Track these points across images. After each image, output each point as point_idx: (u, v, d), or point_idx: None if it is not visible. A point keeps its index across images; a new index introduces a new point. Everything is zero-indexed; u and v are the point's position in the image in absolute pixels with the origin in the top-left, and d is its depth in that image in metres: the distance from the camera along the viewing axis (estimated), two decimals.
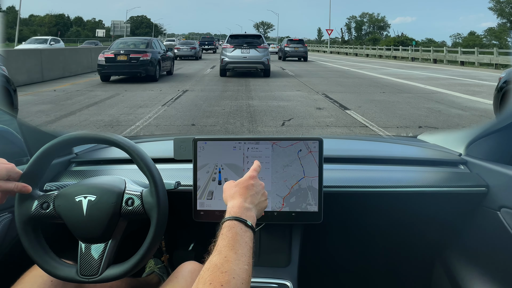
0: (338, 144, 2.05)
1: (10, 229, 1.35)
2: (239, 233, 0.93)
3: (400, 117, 7.80)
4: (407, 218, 1.78)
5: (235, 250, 0.88)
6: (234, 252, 0.87)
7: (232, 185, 1.10)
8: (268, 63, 14.91)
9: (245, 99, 9.97)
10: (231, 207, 1.01)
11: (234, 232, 0.93)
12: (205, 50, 37.37)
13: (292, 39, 29.18)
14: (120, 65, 12.60)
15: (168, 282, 1.28)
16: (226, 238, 0.91)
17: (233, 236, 0.91)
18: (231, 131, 6.72)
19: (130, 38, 15.90)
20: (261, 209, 1.09)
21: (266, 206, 1.13)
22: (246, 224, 0.96)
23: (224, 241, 0.90)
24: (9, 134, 1.64)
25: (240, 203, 1.02)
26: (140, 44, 13.68)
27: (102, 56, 12.64)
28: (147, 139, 2.13)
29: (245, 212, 1.00)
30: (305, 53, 27.32)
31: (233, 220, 0.96)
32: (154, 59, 13.10)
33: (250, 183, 1.08)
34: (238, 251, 0.88)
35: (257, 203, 1.07)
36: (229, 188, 1.09)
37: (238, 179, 1.11)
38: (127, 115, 7.80)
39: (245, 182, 1.09)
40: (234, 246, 0.89)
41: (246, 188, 1.07)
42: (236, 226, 0.95)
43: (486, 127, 1.60)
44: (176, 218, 1.44)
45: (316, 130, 6.73)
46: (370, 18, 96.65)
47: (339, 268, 2.01)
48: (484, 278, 1.49)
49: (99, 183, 1.18)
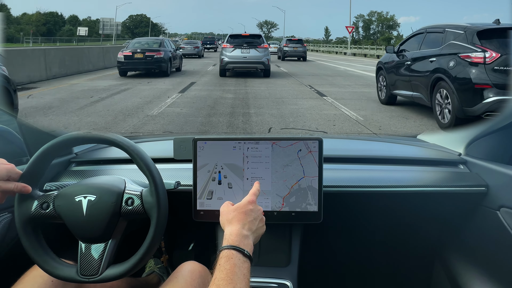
0: (338, 144, 2.05)
1: (10, 229, 1.35)
2: (237, 264, 0.91)
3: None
4: (407, 218, 1.78)
5: (233, 284, 0.86)
6: (232, 287, 0.85)
7: (230, 209, 1.08)
8: (268, 63, 14.82)
9: (242, 87, 12.29)
10: (229, 234, 0.99)
11: (232, 264, 0.90)
12: (207, 49, 39.70)
13: (291, 39, 29.32)
14: (137, 62, 14.36)
15: (168, 282, 1.28)
16: (224, 270, 0.89)
17: (231, 268, 0.89)
18: (230, 104, 9.06)
19: (144, 38, 17.54)
20: (259, 236, 1.08)
21: (264, 232, 1.11)
22: (244, 254, 0.94)
23: (221, 274, 0.88)
24: (9, 134, 1.64)
25: (238, 231, 1.00)
26: (153, 44, 15.35)
27: (121, 54, 14.41)
28: (147, 139, 2.13)
29: (243, 241, 0.98)
30: (304, 52, 27.60)
31: (231, 250, 0.94)
32: (166, 57, 14.81)
33: (249, 209, 1.06)
34: (236, 285, 0.86)
35: (255, 230, 1.05)
36: (227, 213, 1.07)
37: (237, 203, 1.09)
38: (156, 98, 9.85)
39: (244, 207, 1.07)
40: (232, 280, 0.87)
41: (245, 213, 1.05)
42: (234, 256, 0.93)
43: (485, 127, 1.60)
44: (176, 218, 1.44)
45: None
46: (379, 17, 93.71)
47: (339, 267, 2.01)
48: (484, 277, 1.49)
49: (99, 183, 1.18)
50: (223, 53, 14.77)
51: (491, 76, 5.66)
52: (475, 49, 5.90)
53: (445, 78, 6.24)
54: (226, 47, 14.62)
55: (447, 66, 6.26)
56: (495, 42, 5.87)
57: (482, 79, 5.71)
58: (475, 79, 5.77)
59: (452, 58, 6.21)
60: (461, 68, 5.99)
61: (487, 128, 1.59)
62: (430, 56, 6.82)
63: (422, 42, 7.39)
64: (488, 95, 5.61)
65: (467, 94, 5.84)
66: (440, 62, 6.46)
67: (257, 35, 15.46)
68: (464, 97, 5.87)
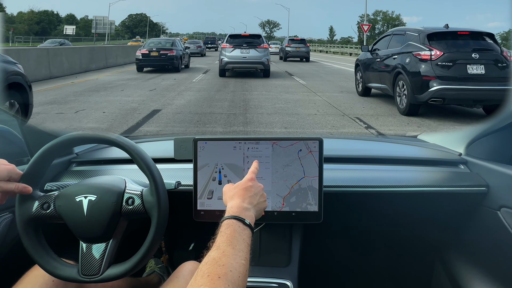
0: (338, 144, 2.05)
1: (11, 229, 1.35)
2: (237, 230, 0.96)
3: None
4: (407, 218, 1.78)
5: (232, 246, 0.90)
6: (232, 248, 0.90)
7: (231, 187, 1.12)
8: (268, 63, 14.78)
9: (242, 77, 14.90)
10: (230, 207, 1.04)
11: (233, 230, 0.95)
12: (208, 48, 42.92)
13: (293, 39, 28.58)
14: (152, 59, 16.60)
15: (169, 282, 1.28)
16: (225, 235, 0.94)
17: (231, 233, 0.94)
18: (233, 85, 12.50)
19: (158, 39, 20.35)
20: (260, 210, 1.11)
21: (266, 206, 1.14)
22: (244, 222, 0.99)
23: (222, 238, 0.93)
24: (10, 134, 1.64)
25: (238, 204, 1.05)
26: (166, 44, 17.81)
27: (139, 53, 16.82)
28: (147, 139, 2.13)
29: (244, 212, 1.02)
30: (307, 53, 26.99)
31: (231, 219, 0.99)
32: (178, 55, 17.11)
33: (249, 185, 1.11)
34: (236, 247, 0.90)
35: (256, 204, 1.09)
36: (228, 190, 1.12)
37: (238, 181, 1.13)
38: (176, 85, 12.64)
39: (244, 184, 1.11)
40: (232, 242, 0.91)
41: (245, 189, 1.09)
42: (234, 224, 0.97)
43: (486, 127, 1.60)
44: (176, 218, 1.44)
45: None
46: (384, 17, 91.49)
47: (339, 267, 2.01)
48: (484, 277, 1.49)
49: (99, 183, 1.18)
50: (222, 53, 14.70)
51: (435, 70, 7.18)
52: (425, 48, 7.40)
53: (403, 72, 7.71)
54: (225, 47, 14.56)
55: (404, 62, 7.73)
56: (440, 43, 7.41)
57: (429, 72, 7.21)
58: (423, 72, 7.26)
59: (408, 55, 7.71)
60: (414, 63, 7.49)
61: (488, 128, 1.59)
62: (393, 54, 8.31)
63: (389, 43, 8.85)
64: (432, 84, 7.11)
65: (417, 84, 7.32)
66: (400, 59, 7.95)
67: (257, 35, 15.41)
68: (415, 87, 7.37)
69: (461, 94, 7.05)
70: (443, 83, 7.02)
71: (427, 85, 7.13)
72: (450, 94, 7.04)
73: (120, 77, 14.77)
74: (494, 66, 7.10)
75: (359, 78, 10.34)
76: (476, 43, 7.37)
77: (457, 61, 7.13)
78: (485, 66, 7.04)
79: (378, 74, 8.99)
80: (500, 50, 7.30)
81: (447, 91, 7.02)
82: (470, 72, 7.05)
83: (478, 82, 7.00)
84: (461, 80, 7.03)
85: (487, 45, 7.36)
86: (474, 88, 7.00)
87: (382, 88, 8.82)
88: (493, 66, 7.09)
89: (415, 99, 7.35)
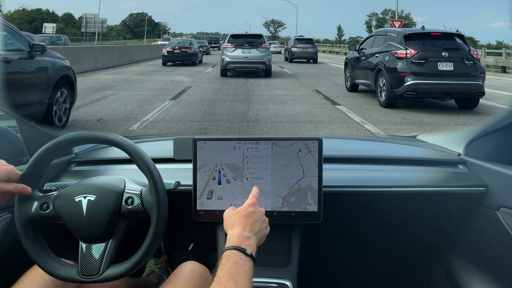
0: (338, 144, 2.05)
1: (10, 229, 1.35)
2: (238, 262, 0.93)
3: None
4: (406, 218, 1.78)
5: (234, 280, 0.87)
6: (233, 283, 0.87)
7: (232, 213, 1.11)
8: (270, 63, 14.74)
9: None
10: (231, 236, 1.02)
11: (234, 262, 0.93)
12: (212, 47, 48.00)
13: (300, 38, 26.58)
14: (175, 55, 20.89)
15: (168, 282, 1.28)
16: (226, 268, 0.91)
17: (233, 266, 0.91)
18: (237, 73, 15.52)
19: (178, 39, 24.66)
20: (262, 236, 1.10)
21: (268, 232, 1.13)
22: (246, 253, 0.96)
23: (223, 271, 0.90)
24: (9, 134, 1.64)
25: (239, 232, 1.02)
26: (185, 43, 22.03)
27: (165, 50, 21.03)
28: (147, 139, 2.13)
29: (245, 241, 1.00)
30: (315, 54, 24.94)
31: (232, 250, 0.96)
32: (195, 52, 21.60)
33: (250, 211, 1.09)
34: (237, 281, 0.88)
35: (258, 231, 1.07)
36: (229, 217, 1.10)
37: (238, 208, 1.12)
38: (195, 73, 16.41)
39: (245, 210, 1.09)
40: (233, 276, 0.88)
41: (246, 216, 1.07)
42: (235, 255, 0.95)
43: (485, 127, 1.60)
44: (176, 218, 1.44)
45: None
46: (393, 16, 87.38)
47: (339, 267, 2.01)
48: (483, 277, 1.49)
49: (99, 182, 1.18)
50: (224, 53, 14.66)
51: (410, 67, 8.11)
52: (401, 48, 8.35)
53: (383, 69, 8.63)
54: (227, 47, 14.53)
55: (384, 60, 8.68)
56: (415, 43, 8.35)
57: (404, 69, 8.14)
58: (399, 69, 8.19)
59: (387, 54, 8.67)
60: (392, 61, 8.45)
61: (487, 128, 1.59)
62: (376, 53, 9.22)
63: (373, 42, 9.74)
64: (407, 80, 8.03)
65: (394, 79, 8.25)
66: (381, 57, 8.90)
67: (258, 35, 15.39)
68: (392, 82, 8.28)
69: (432, 88, 7.95)
70: (417, 78, 7.93)
71: (403, 80, 8.04)
72: (423, 88, 7.93)
73: (152, 69, 18.79)
74: (462, 63, 8.01)
75: (348, 75, 11.23)
76: (446, 43, 8.26)
77: (429, 59, 8.04)
78: (453, 63, 7.98)
79: (363, 71, 9.90)
80: (468, 49, 8.22)
81: (420, 86, 7.92)
82: (440, 69, 7.99)
83: (448, 77, 7.92)
84: (432, 75, 7.94)
85: (456, 45, 8.26)
86: (443, 82, 7.93)
87: (367, 84, 9.73)
88: (461, 63, 8.01)
89: (392, 92, 8.24)
